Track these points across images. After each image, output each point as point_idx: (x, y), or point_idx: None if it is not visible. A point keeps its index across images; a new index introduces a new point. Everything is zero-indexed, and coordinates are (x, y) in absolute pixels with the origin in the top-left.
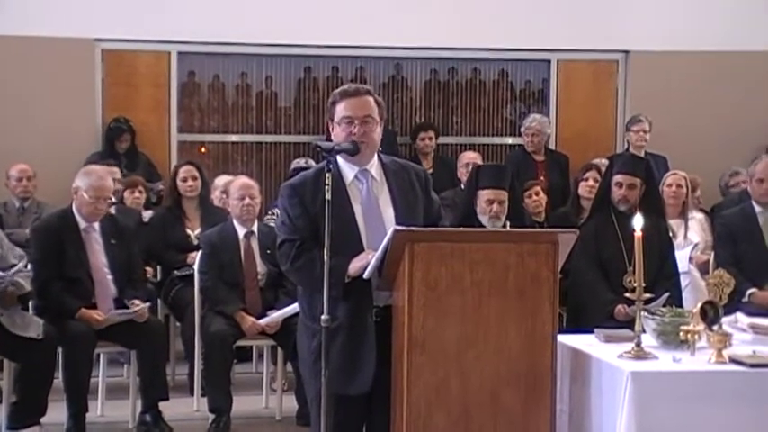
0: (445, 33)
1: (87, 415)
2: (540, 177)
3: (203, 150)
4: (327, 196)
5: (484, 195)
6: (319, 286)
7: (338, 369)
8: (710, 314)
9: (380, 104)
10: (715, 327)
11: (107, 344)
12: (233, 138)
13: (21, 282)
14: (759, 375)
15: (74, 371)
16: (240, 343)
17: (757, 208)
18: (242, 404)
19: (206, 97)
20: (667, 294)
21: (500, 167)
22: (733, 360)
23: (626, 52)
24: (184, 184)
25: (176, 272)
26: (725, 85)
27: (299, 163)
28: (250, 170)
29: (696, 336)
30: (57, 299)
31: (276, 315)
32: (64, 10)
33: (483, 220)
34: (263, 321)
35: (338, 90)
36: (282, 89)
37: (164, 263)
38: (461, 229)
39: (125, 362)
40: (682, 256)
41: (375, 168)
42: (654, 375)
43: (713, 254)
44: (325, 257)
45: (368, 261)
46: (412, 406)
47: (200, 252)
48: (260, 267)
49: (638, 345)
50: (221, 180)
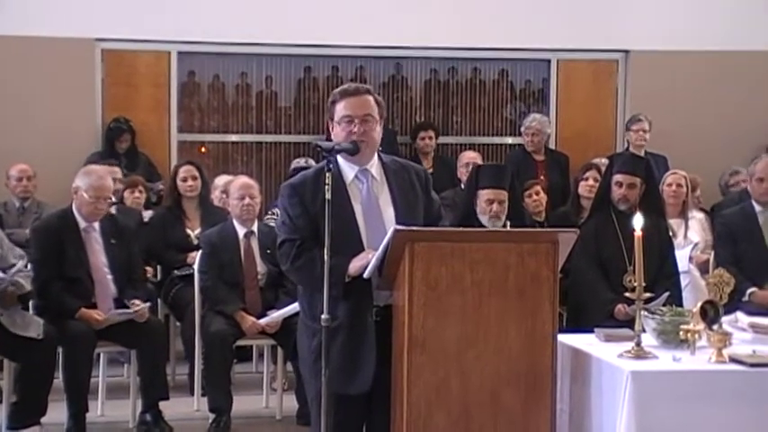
0: (445, 33)
1: (87, 415)
2: (540, 177)
3: (203, 150)
4: (327, 196)
5: (484, 195)
6: (319, 286)
7: (338, 369)
8: (710, 314)
9: (380, 103)
10: (715, 326)
11: (107, 344)
12: (233, 137)
13: (21, 282)
14: (759, 375)
15: (74, 371)
16: (240, 343)
17: (757, 207)
18: (242, 404)
19: (206, 97)
20: (667, 294)
21: (500, 167)
22: (733, 359)
23: (626, 52)
24: (184, 184)
25: (176, 272)
26: (725, 85)
27: (299, 163)
28: (250, 170)
29: (696, 335)
30: (57, 299)
31: (276, 315)
32: (64, 10)
33: (483, 220)
34: (263, 321)
35: (338, 89)
36: (282, 89)
37: (164, 263)
38: (461, 229)
39: (125, 362)
40: (682, 256)
41: (375, 168)
42: (654, 375)
43: (713, 253)
44: (325, 257)
45: (368, 261)
46: (412, 406)
47: (200, 252)
48: (260, 267)
49: (638, 344)
50: (221, 180)
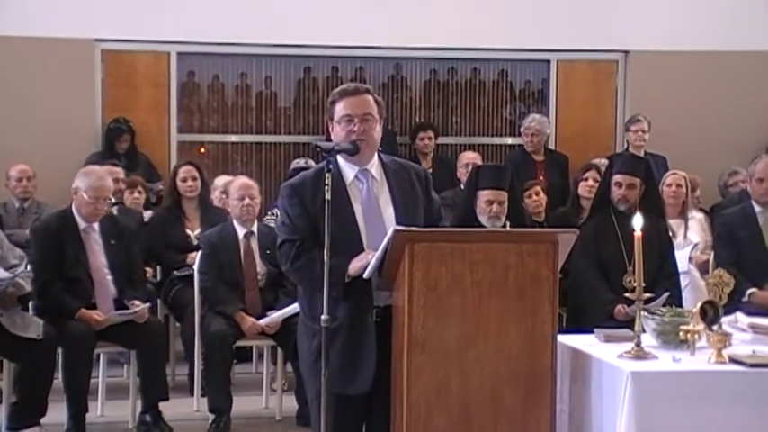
0: (445, 33)
1: (87, 415)
2: (540, 177)
3: (203, 150)
4: (327, 196)
5: (484, 196)
6: (319, 286)
7: (338, 369)
8: (710, 314)
9: (380, 103)
10: (715, 326)
11: (107, 344)
12: (233, 138)
13: (21, 282)
14: (759, 375)
15: (74, 371)
16: (240, 343)
17: (757, 208)
18: (242, 404)
19: (206, 97)
20: (667, 294)
21: (500, 168)
22: (733, 360)
23: (626, 52)
24: (184, 185)
25: (176, 272)
26: (725, 85)
27: (299, 163)
28: (250, 170)
29: (696, 335)
30: (57, 299)
31: (276, 315)
32: (64, 10)
33: (483, 221)
34: (263, 321)
35: (337, 89)
36: (282, 89)
37: (163, 263)
38: (461, 230)
39: (125, 362)
40: (681, 256)
41: (375, 168)
42: (654, 375)
43: (713, 254)
44: (325, 257)
45: (368, 261)
46: (412, 406)
47: (199, 252)
48: (260, 267)
49: (637, 344)
50: (221, 180)
